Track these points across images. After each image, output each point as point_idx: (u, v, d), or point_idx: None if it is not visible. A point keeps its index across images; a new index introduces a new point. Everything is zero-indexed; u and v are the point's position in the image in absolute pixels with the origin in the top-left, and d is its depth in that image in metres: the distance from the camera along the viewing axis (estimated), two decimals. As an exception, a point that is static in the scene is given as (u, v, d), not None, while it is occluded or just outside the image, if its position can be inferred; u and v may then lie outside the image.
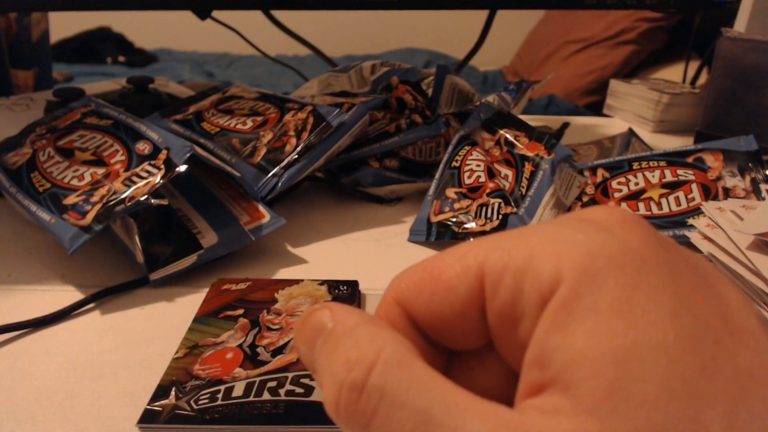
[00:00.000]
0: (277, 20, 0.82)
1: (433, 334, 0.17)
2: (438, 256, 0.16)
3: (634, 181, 0.51)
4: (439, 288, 0.16)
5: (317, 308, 0.16)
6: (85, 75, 2.05)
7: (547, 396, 0.13)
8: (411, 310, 0.17)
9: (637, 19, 1.72)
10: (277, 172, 0.51)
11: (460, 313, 0.16)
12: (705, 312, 0.13)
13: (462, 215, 0.49)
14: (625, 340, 0.12)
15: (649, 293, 0.13)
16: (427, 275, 0.16)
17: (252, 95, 0.61)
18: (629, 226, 0.14)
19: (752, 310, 0.13)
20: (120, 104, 0.58)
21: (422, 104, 0.61)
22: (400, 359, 0.14)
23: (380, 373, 0.14)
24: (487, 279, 0.15)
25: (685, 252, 0.14)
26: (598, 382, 0.12)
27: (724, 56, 0.71)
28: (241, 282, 0.40)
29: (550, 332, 0.13)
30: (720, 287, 0.14)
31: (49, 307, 0.39)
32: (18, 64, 0.90)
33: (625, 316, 0.12)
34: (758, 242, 0.35)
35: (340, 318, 0.16)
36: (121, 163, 0.46)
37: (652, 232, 0.14)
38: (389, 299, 0.17)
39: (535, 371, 0.13)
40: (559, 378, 0.12)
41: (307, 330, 0.16)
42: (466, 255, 0.15)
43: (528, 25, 2.38)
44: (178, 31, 2.60)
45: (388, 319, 0.17)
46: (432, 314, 0.16)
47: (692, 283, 0.13)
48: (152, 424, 0.28)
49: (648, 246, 0.14)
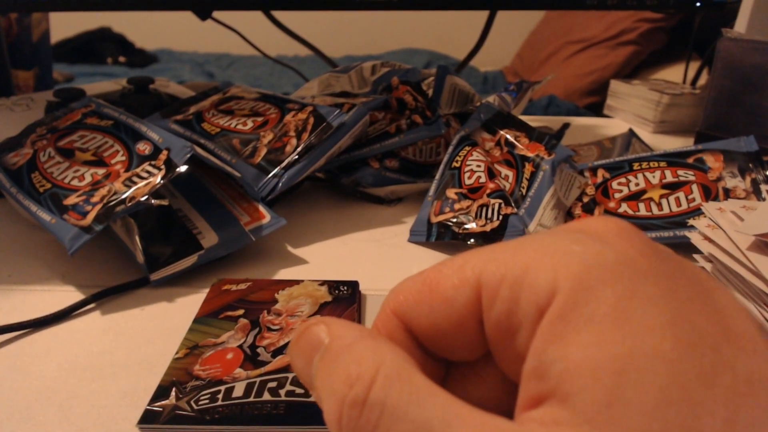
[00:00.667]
0: (278, 20, 0.82)
1: (431, 345, 0.17)
2: (436, 267, 0.16)
3: (634, 181, 0.51)
4: (437, 300, 0.16)
5: (312, 323, 0.16)
6: (85, 75, 2.05)
7: (546, 408, 0.13)
8: (409, 322, 0.17)
9: (638, 20, 1.72)
10: (278, 172, 0.51)
11: (457, 324, 0.16)
12: (702, 319, 0.13)
13: (462, 216, 0.49)
14: (622, 349, 0.12)
15: (646, 302, 0.13)
16: (425, 287, 0.16)
17: (252, 96, 0.61)
18: (625, 236, 0.15)
19: (750, 317, 0.13)
20: (120, 105, 0.58)
21: (422, 105, 0.61)
22: (400, 373, 0.14)
23: (381, 387, 0.14)
24: (484, 291, 0.15)
25: (681, 261, 0.14)
26: (596, 392, 0.12)
27: (725, 57, 0.71)
28: (242, 282, 0.40)
29: (547, 343, 0.13)
30: (717, 295, 0.14)
31: (50, 307, 0.39)
32: (18, 64, 0.90)
33: (622, 325, 0.12)
34: (758, 243, 0.35)
35: (337, 333, 0.16)
36: (121, 164, 0.46)
37: (648, 242, 0.15)
38: (387, 311, 0.17)
39: (534, 383, 0.13)
40: (557, 389, 0.12)
41: (304, 345, 0.16)
42: (463, 267, 0.16)
43: (528, 26, 2.38)
44: (178, 32, 2.60)
45: (387, 330, 0.17)
46: (430, 326, 0.16)
47: (688, 291, 0.13)
48: (152, 424, 0.28)
49: (644, 256, 0.14)
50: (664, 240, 0.47)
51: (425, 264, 0.47)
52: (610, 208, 0.50)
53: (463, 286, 0.15)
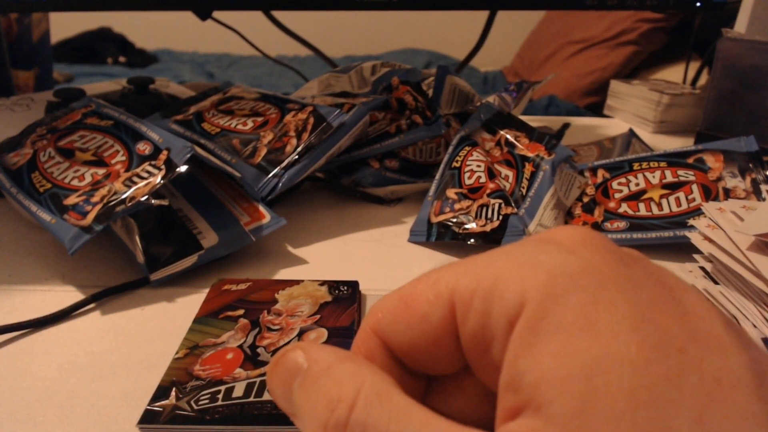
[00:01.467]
0: (278, 20, 0.82)
1: (410, 361, 0.17)
2: (412, 283, 0.17)
3: (634, 181, 0.51)
4: (413, 316, 0.16)
5: (289, 349, 0.16)
6: (85, 75, 2.05)
7: (522, 419, 0.13)
8: (387, 340, 0.17)
9: (638, 20, 1.72)
10: (278, 172, 0.51)
11: (434, 340, 0.16)
12: (667, 322, 0.13)
13: (462, 216, 0.49)
14: (589, 355, 0.12)
15: (610, 308, 0.13)
16: (402, 304, 0.16)
17: (252, 96, 0.61)
18: (590, 244, 0.15)
19: (718, 317, 0.13)
20: (120, 105, 0.58)
21: (423, 105, 0.61)
22: (379, 393, 0.14)
23: (361, 409, 0.14)
24: (457, 305, 0.15)
25: (648, 266, 0.15)
26: (567, 400, 0.12)
27: (725, 57, 0.71)
28: (242, 282, 0.40)
29: (519, 355, 0.13)
30: (684, 297, 0.14)
31: (50, 307, 0.39)
32: (18, 64, 0.90)
33: (588, 332, 0.13)
34: (758, 243, 0.35)
35: (315, 357, 0.16)
36: (121, 164, 0.46)
37: (614, 249, 0.15)
38: (367, 329, 0.17)
39: (510, 395, 0.13)
40: (531, 400, 0.13)
41: (282, 372, 0.16)
42: (437, 282, 0.16)
43: (528, 26, 2.38)
44: (178, 32, 2.60)
45: (366, 348, 0.17)
46: (408, 343, 0.16)
47: (654, 294, 0.13)
48: (152, 424, 0.28)
49: (607, 263, 0.14)
50: (664, 240, 0.47)
51: (425, 264, 0.47)
52: (610, 208, 0.50)
53: (438, 301, 0.15)
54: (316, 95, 0.64)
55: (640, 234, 0.47)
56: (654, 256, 0.47)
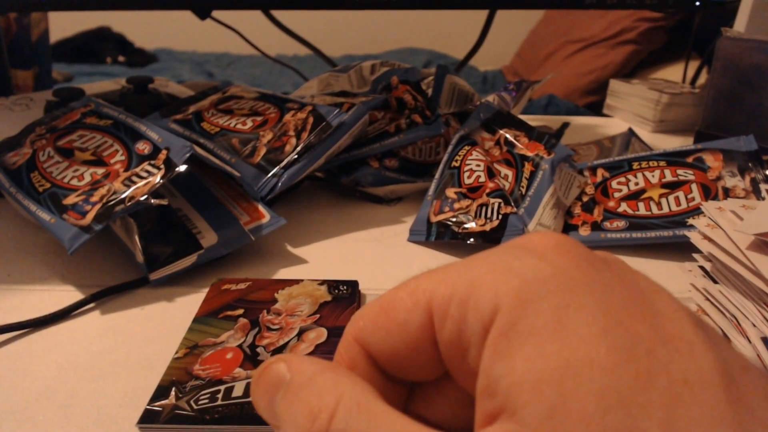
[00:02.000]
0: (277, 20, 0.82)
1: (391, 369, 0.17)
2: (392, 290, 0.17)
3: (633, 181, 0.51)
4: (393, 324, 0.16)
5: (272, 361, 0.17)
6: (84, 75, 2.05)
7: (499, 424, 0.13)
8: (369, 348, 0.17)
9: (637, 19, 1.72)
10: (277, 172, 0.51)
11: (413, 347, 0.16)
12: (636, 324, 0.13)
13: (462, 215, 0.49)
14: (560, 359, 0.12)
15: (579, 312, 0.13)
16: (382, 312, 0.17)
17: (252, 95, 0.61)
18: (562, 249, 0.15)
19: (688, 319, 0.14)
20: (120, 104, 0.58)
21: (422, 104, 0.61)
22: (359, 402, 0.14)
23: (341, 419, 0.14)
24: (435, 312, 0.15)
25: (620, 269, 0.15)
26: (539, 404, 0.12)
27: (724, 56, 0.71)
28: (241, 282, 0.40)
29: (494, 361, 0.13)
30: (655, 299, 0.14)
31: (49, 307, 0.39)
32: (18, 64, 0.90)
33: (558, 336, 0.13)
34: (758, 242, 0.35)
35: (297, 368, 0.16)
36: (120, 163, 0.46)
37: (585, 253, 0.15)
38: (349, 338, 0.17)
39: (486, 400, 0.14)
40: (506, 405, 0.13)
41: (265, 384, 0.16)
42: (416, 290, 0.16)
43: (528, 25, 2.38)
44: (178, 31, 2.60)
45: (349, 357, 0.17)
46: (388, 350, 0.16)
47: (624, 298, 0.14)
48: (152, 424, 0.28)
49: (578, 268, 0.14)
50: (663, 239, 0.47)
51: (425, 263, 0.47)
52: (610, 208, 0.50)
53: (416, 309, 0.16)
54: (316, 94, 0.64)
55: (640, 233, 0.48)
56: (653, 256, 0.47)
